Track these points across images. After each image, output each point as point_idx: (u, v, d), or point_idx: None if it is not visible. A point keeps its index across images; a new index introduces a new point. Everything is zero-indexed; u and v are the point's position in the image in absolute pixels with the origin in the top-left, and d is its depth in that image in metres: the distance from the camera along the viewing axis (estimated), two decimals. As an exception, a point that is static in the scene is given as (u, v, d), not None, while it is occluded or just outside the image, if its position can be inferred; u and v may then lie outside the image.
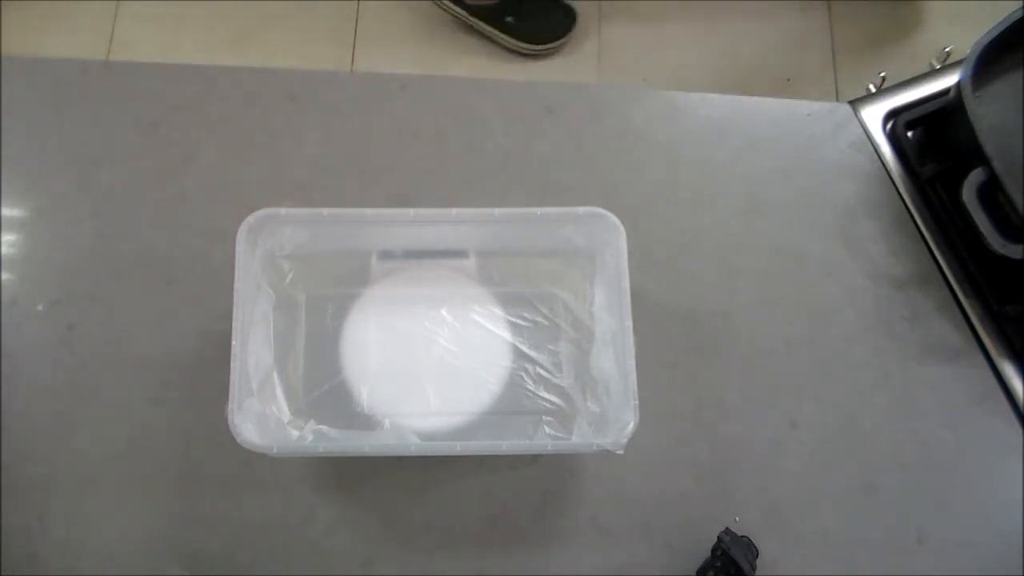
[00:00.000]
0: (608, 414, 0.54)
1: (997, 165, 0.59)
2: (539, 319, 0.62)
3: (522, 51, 1.38)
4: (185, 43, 1.66)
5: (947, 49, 0.74)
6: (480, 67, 1.40)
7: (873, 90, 0.73)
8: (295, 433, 0.55)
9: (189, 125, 0.68)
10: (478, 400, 0.60)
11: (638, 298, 0.55)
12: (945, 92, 0.68)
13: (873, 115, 0.71)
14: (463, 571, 0.59)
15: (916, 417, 0.63)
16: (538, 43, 1.37)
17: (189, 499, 0.59)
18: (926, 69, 0.74)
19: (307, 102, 0.69)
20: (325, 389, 0.59)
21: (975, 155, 0.60)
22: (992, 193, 0.59)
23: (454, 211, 0.55)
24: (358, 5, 1.71)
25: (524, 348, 0.61)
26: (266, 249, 0.56)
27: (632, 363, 0.52)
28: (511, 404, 0.60)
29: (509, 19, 1.35)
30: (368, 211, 0.56)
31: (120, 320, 0.63)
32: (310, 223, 0.56)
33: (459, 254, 0.62)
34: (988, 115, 0.63)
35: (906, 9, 1.60)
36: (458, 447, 0.54)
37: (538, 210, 0.56)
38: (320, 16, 1.68)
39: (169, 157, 0.67)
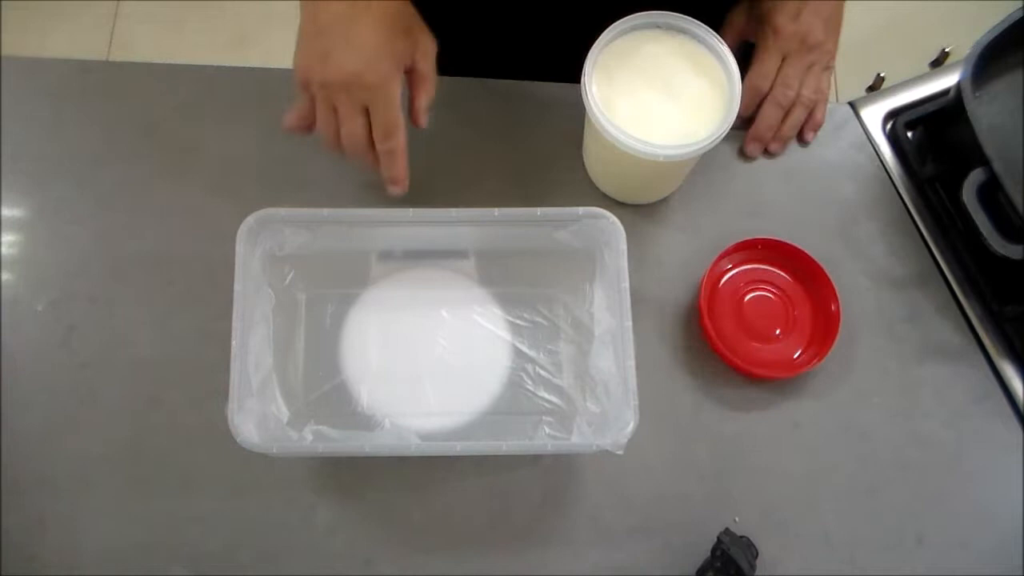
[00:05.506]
0: (608, 414, 0.54)
1: (997, 165, 0.59)
2: (539, 319, 0.62)
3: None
4: (185, 43, 1.66)
5: (947, 49, 0.74)
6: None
7: (873, 90, 0.73)
8: (295, 433, 0.55)
9: (189, 125, 0.68)
10: (478, 400, 0.60)
11: (638, 298, 0.55)
12: (945, 92, 0.68)
13: (873, 115, 0.71)
14: (463, 571, 0.59)
15: (916, 417, 0.63)
16: None
17: (189, 499, 0.59)
18: (926, 69, 0.74)
19: (307, 102, 0.69)
20: (325, 389, 0.59)
21: (975, 155, 0.60)
22: (992, 193, 0.59)
23: (454, 211, 0.55)
24: (358, 5, 1.71)
25: (524, 348, 0.61)
26: (266, 249, 0.56)
27: (632, 363, 0.52)
28: (511, 404, 0.60)
29: None
30: (368, 211, 0.56)
31: (120, 320, 0.63)
32: (310, 223, 0.56)
33: (459, 254, 0.62)
34: (988, 115, 0.63)
35: (906, 9, 1.60)
36: (458, 447, 0.54)
37: (538, 210, 0.56)
38: (320, 16, 1.68)
39: (169, 157, 0.67)
